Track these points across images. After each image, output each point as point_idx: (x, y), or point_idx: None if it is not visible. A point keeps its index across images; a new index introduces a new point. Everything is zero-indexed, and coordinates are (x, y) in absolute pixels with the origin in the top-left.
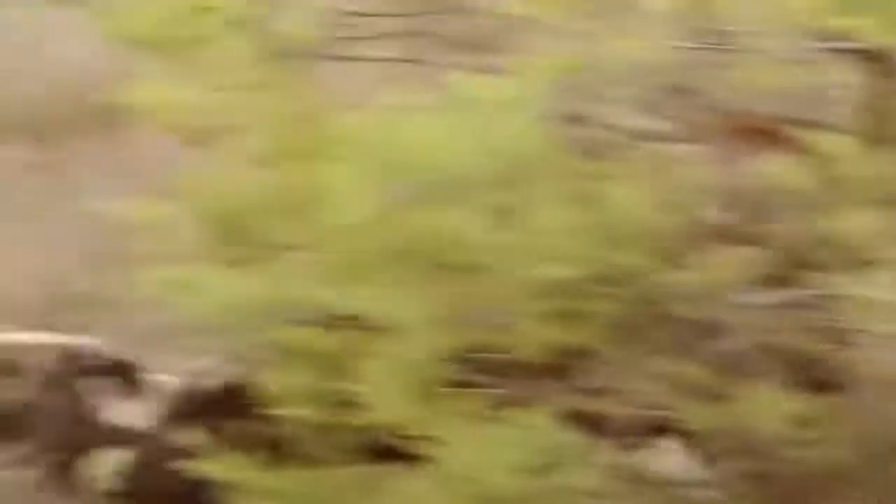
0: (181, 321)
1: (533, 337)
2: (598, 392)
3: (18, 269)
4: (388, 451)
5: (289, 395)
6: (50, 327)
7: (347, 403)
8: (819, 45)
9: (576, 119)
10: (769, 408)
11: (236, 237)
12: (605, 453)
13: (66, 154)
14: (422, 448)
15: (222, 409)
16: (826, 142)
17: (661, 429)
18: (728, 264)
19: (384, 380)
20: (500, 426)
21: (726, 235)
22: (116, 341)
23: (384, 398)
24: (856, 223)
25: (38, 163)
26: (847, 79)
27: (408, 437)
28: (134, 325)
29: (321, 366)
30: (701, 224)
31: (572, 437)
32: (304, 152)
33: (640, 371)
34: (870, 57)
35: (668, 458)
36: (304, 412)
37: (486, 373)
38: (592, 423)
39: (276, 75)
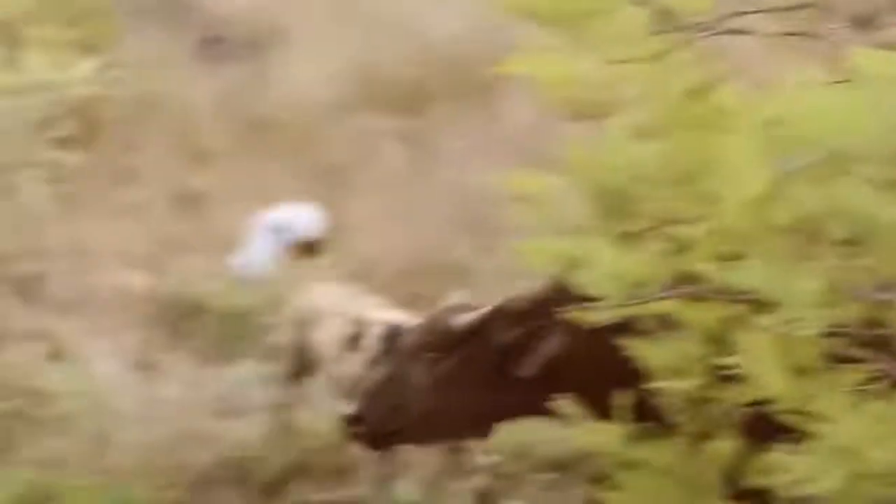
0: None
1: None
2: None
3: (386, 240)
4: (765, 426)
5: (667, 367)
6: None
7: (726, 378)
8: None
9: None
10: None
11: (623, 211)
12: None
13: (437, 124)
14: (802, 424)
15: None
16: None
17: None
18: None
19: (765, 354)
20: (884, 402)
21: None
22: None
23: (765, 373)
24: None
25: (409, 133)
26: None
27: (787, 413)
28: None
29: (702, 339)
30: None
31: None
32: (695, 125)
33: None
34: None
35: None
36: (682, 385)
37: (870, 348)
38: None
39: (667, 48)
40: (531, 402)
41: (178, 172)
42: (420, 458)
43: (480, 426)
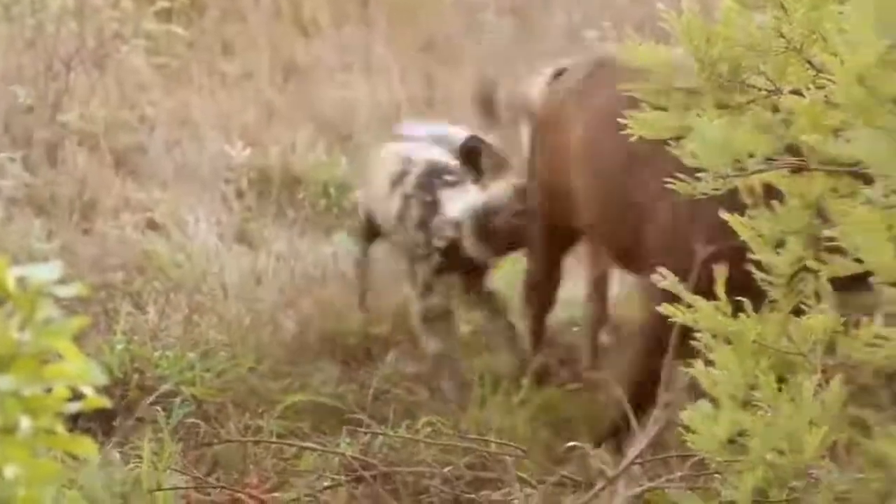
0: None
1: None
2: None
3: None
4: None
5: (767, 240)
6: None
7: (827, 250)
8: None
9: None
10: None
11: (732, 81)
12: None
13: None
14: None
15: None
16: None
17: None
18: None
19: (869, 226)
20: None
21: None
22: None
23: (867, 245)
24: None
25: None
26: None
27: (889, 285)
28: None
29: (804, 211)
30: None
31: None
32: None
33: None
34: None
35: None
36: (781, 258)
37: None
38: None
39: None
40: None
41: (282, 44)
42: None
43: None
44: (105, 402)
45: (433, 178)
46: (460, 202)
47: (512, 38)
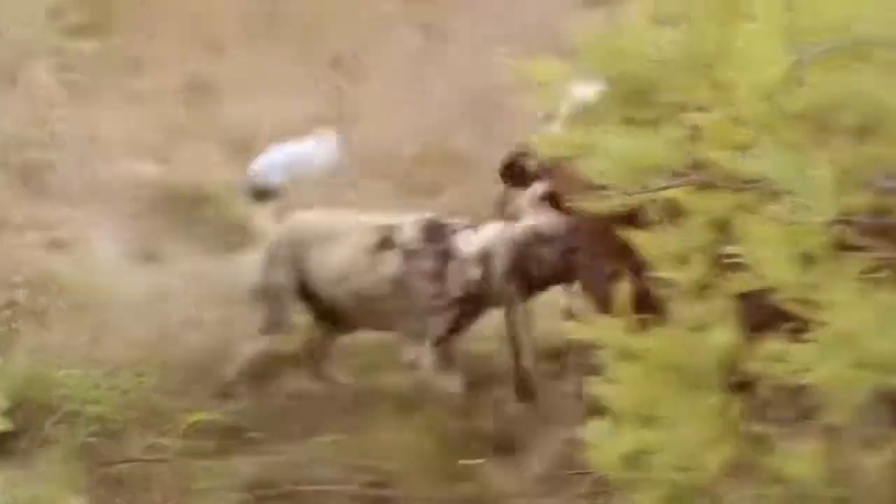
0: None
1: None
2: None
3: (396, 128)
4: (766, 316)
5: (670, 256)
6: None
7: (729, 267)
8: None
9: None
10: None
11: (637, 98)
12: None
13: (451, 10)
14: (805, 312)
15: None
16: None
17: None
18: None
19: (771, 242)
20: (889, 291)
21: None
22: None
23: (770, 261)
24: None
25: (422, 18)
26: None
27: (791, 301)
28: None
29: (707, 227)
30: None
31: None
32: (713, 12)
33: None
34: None
35: None
36: (684, 274)
37: (878, 236)
38: None
39: None
40: None
41: (190, 61)
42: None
43: None
44: (6, 425)
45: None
46: (482, 237)
47: (420, 52)
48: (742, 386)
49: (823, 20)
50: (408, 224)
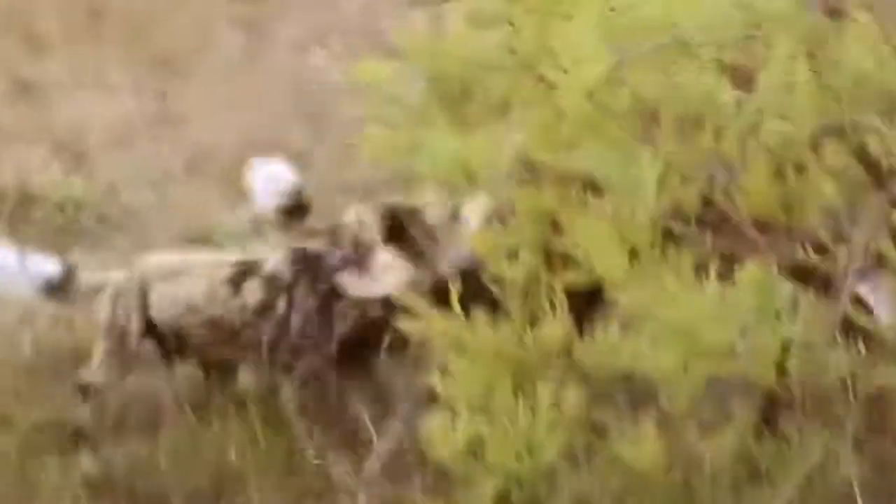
0: (377, 180)
1: (755, 192)
2: (818, 247)
3: (221, 129)
4: (598, 309)
5: (501, 251)
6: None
7: (562, 261)
8: None
9: None
10: None
11: (462, 98)
12: (820, 306)
13: (274, 10)
14: (637, 306)
15: None
16: None
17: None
18: None
19: (600, 236)
20: (719, 282)
21: None
22: None
23: (599, 255)
24: None
25: (246, 19)
26: None
27: (622, 295)
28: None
29: (537, 223)
30: None
31: (789, 291)
32: (536, 11)
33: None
34: None
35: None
36: (515, 270)
37: (707, 228)
38: (809, 278)
39: None
40: None
41: (13, 61)
42: None
43: None
44: None
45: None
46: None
47: (244, 52)
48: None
49: (644, 20)
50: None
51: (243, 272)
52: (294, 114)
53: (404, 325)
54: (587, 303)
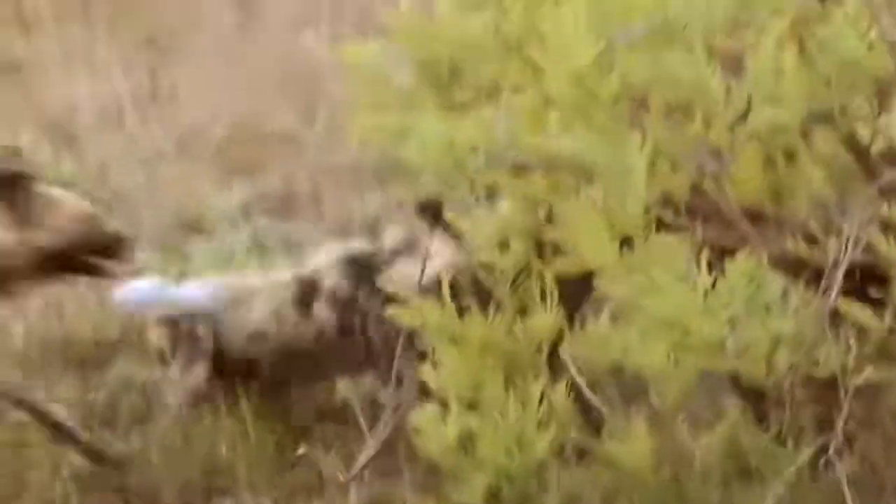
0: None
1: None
2: (809, 238)
3: (212, 107)
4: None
5: (490, 240)
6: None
7: (550, 249)
8: None
9: None
10: None
11: (451, 81)
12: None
13: None
14: (627, 295)
15: None
16: None
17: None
18: None
19: (590, 224)
20: (710, 273)
21: None
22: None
23: (590, 243)
24: None
25: None
26: None
27: (612, 284)
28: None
29: (526, 210)
30: None
31: (778, 284)
32: None
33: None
34: None
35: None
36: (505, 258)
37: (697, 217)
38: (799, 270)
39: None
40: None
41: (2, 40)
42: None
43: None
44: None
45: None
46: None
47: (234, 31)
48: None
49: (633, 4)
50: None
51: (308, 291)
52: (285, 94)
53: (395, 315)
54: (578, 292)
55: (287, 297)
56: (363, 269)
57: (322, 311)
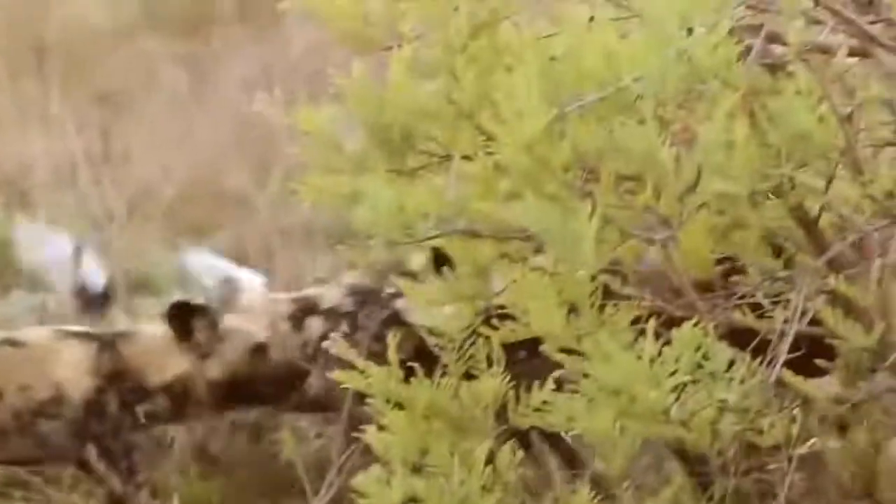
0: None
1: (693, 250)
2: (754, 307)
3: (164, 167)
4: (535, 365)
5: (438, 305)
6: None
7: (497, 315)
8: None
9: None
10: None
11: (402, 147)
12: (756, 369)
13: (219, 49)
14: (574, 363)
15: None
16: None
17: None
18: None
19: (538, 292)
20: (656, 341)
21: None
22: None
23: (537, 310)
24: None
25: (190, 58)
26: None
27: (559, 352)
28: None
29: (474, 277)
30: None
31: (725, 353)
32: (477, 62)
33: (799, 287)
34: None
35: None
36: (452, 324)
37: (645, 286)
38: (746, 339)
39: None
40: None
41: None
42: None
43: None
44: None
45: None
46: None
47: (187, 91)
48: (514, 435)
49: (585, 73)
50: None
51: (304, 308)
52: (237, 155)
53: (338, 377)
54: (525, 358)
55: (282, 310)
56: (367, 296)
57: (315, 328)
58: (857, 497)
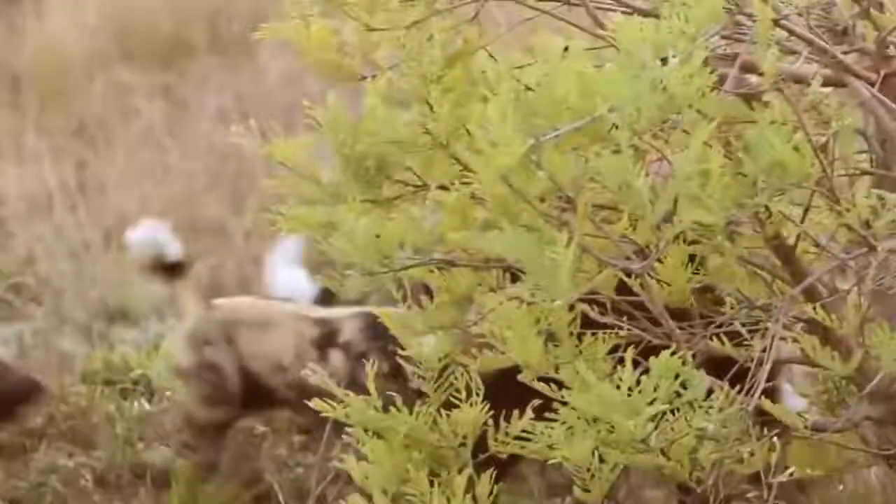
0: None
1: (670, 280)
2: (732, 336)
3: (140, 198)
4: (514, 394)
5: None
6: None
7: (476, 345)
8: None
9: (727, 61)
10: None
11: (377, 177)
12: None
13: (194, 80)
14: (552, 392)
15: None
16: None
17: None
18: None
19: (516, 321)
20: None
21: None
22: None
23: (515, 340)
24: None
25: (165, 88)
26: None
27: (537, 380)
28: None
29: (452, 306)
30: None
31: (703, 381)
32: (452, 92)
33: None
34: None
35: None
36: (430, 352)
37: (622, 315)
38: (723, 368)
39: (427, 14)
40: None
41: None
42: None
43: None
44: None
45: None
46: None
47: (163, 122)
48: (493, 464)
49: (560, 103)
50: None
51: (327, 335)
52: (214, 186)
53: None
54: (504, 387)
55: (309, 334)
56: (380, 331)
57: (336, 360)
58: None
